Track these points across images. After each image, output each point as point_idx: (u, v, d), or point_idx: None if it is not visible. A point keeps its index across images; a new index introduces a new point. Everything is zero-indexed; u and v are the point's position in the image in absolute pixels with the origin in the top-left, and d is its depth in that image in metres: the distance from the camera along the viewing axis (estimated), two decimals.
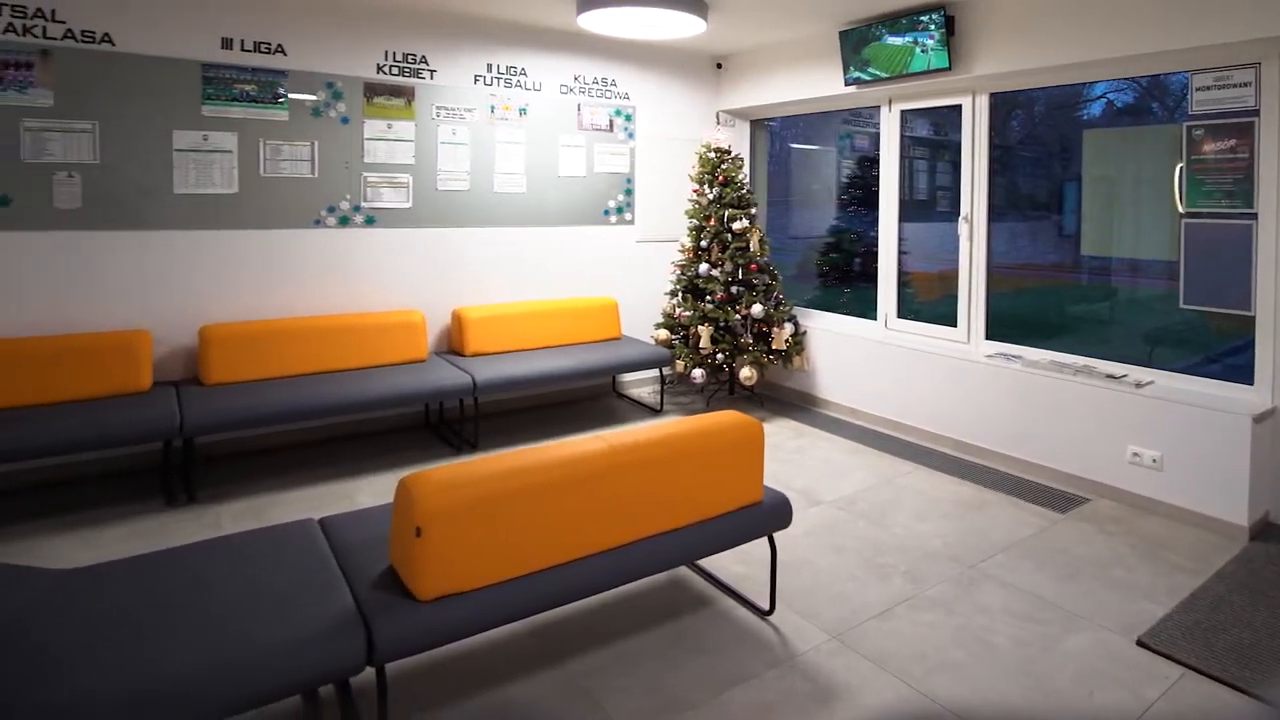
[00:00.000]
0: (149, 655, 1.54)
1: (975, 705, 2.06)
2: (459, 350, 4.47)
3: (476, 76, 4.57)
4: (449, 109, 4.49)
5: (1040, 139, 4.50)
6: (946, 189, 4.57)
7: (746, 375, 4.56)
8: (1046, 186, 4.49)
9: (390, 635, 1.70)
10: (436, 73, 4.43)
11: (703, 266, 4.76)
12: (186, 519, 3.18)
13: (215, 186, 3.83)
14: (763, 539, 2.47)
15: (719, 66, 5.59)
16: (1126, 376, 3.53)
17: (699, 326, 4.67)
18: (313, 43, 4.03)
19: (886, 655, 2.28)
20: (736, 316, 4.66)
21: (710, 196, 4.90)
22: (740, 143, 5.75)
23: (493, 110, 4.64)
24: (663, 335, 4.88)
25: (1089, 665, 2.24)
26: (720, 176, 4.87)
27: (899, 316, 4.71)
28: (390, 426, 4.43)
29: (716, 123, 5.65)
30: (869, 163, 5.09)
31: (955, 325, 4.32)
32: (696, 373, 4.68)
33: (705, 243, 4.84)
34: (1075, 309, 4.27)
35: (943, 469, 3.87)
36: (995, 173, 4.18)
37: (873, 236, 4.87)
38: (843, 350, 4.81)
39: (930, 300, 4.69)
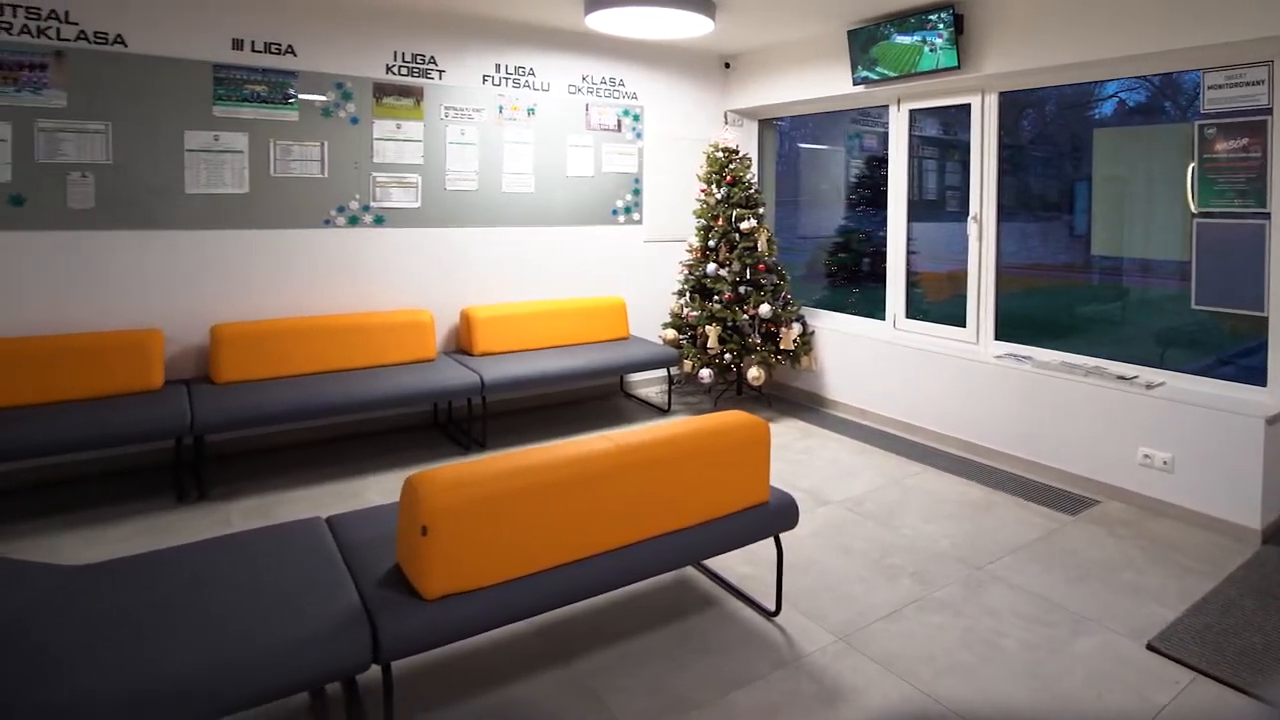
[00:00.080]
0: (154, 652, 1.56)
1: (983, 708, 2.05)
2: (467, 350, 4.49)
3: (485, 77, 4.58)
4: (457, 109, 4.50)
5: (1051, 138, 4.47)
6: (955, 189, 4.55)
7: (754, 375, 4.56)
8: (1057, 186, 4.46)
9: (396, 634, 1.71)
10: (445, 73, 4.44)
11: (710, 266, 4.75)
12: (197, 516, 3.21)
13: (226, 186, 3.86)
14: (769, 539, 2.46)
15: (727, 66, 5.58)
16: (1138, 378, 3.50)
17: (707, 326, 4.66)
18: (322, 43, 4.06)
19: (893, 657, 2.28)
20: (744, 316, 4.65)
21: (718, 196, 4.90)
22: (748, 142, 5.74)
23: (501, 110, 4.66)
24: (670, 335, 4.88)
25: (1098, 668, 2.23)
26: (728, 176, 4.87)
27: (908, 317, 4.69)
28: (399, 425, 4.45)
29: (725, 122, 5.64)
30: (877, 162, 5.07)
31: (964, 325, 4.30)
32: (704, 373, 4.68)
33: (713, 242, 4.84)
34: (1086, 309, 4.23)
35: (951, 470, 3.85)
36: (1005, 172, 4.15)
37: (881, 236, 4.85)
38: (851, 350, 4.80)
39: (939, 300, 4.67)
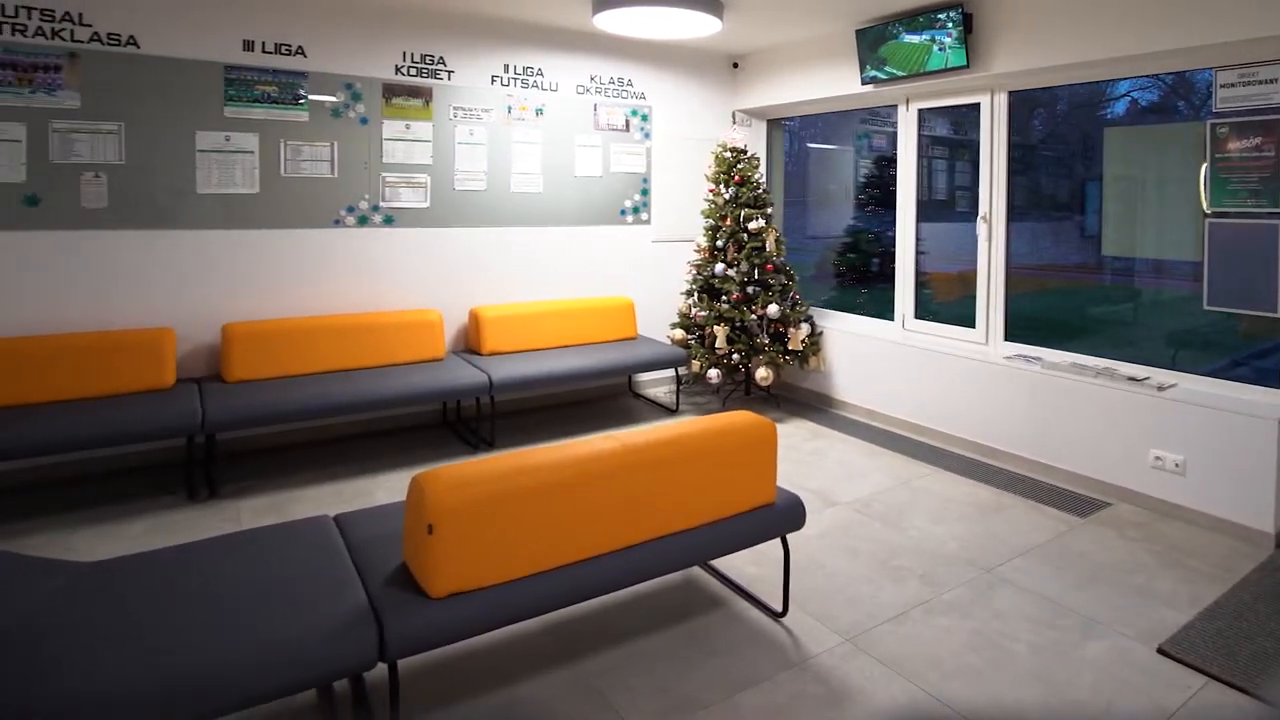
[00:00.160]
0: (163, 648, 1.57)
1: (991, 711, 2.04)
2: (476, 349, 4.50)
3: (493, 77, 4.60)
4: (466, 109, 4.52)
5: (1063, 138, 4.44)
6: (965, 189, 4.52)
7: (762, 375, 4.55)
8: (1068, 186, 4.42)
9: (402, 632, 1.72)
10: (454, 73, 4.46)
11: (719, 266, 4.75)
12: (208, 514, 3.23)
13: (237, 186, 3.89)
14: (776, 540, 2.46)
15: (735, 66, 5.57)
16: (1149, 379, 3.47)
17: (715, 326, 4.65)
18: (332, 44, 4.08)
19: (901, 659, 2.27)
20: (752, 317, 4.64)
21: (726, 196, 4.89)
22: (757, 142, 5.73)
23: (509, 110, 4.67)
24: (678, 335, 4.88)
25: (1108, 673, 2.21)
26: (736, 176, 4.86)
27: (917, 317, 4.67)
28: (408, 424, 4.47)
29: (733, 122, 5.63)
30: (886, 162, 5.05)
31: (974, 326, 4.27)
32: (712, 373, 4.67)
33: (721, 242, 4.83)
34: (1097, 310, 4.20)
35: (960, 471, 3.83)
36: (1016, 172, 4.12)
37: (890, 237, 4.83)
38: (860, 351, 4.78)
39: (948, 301, 4.64)
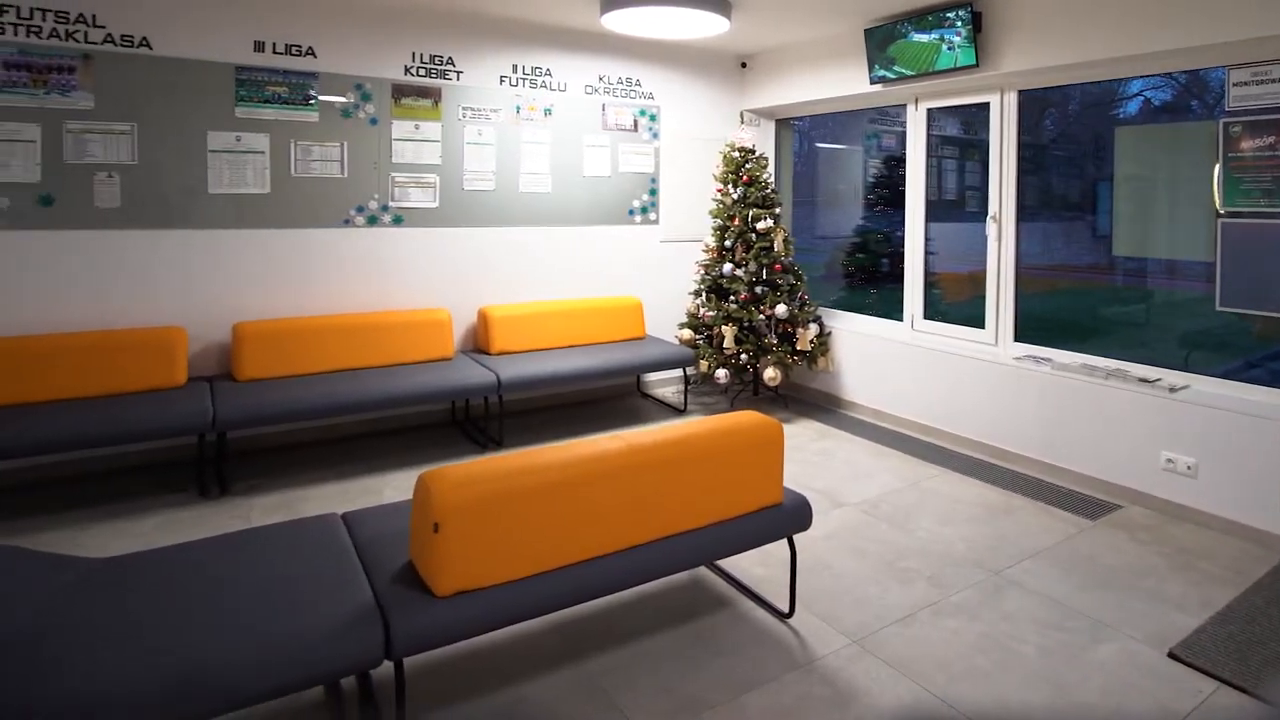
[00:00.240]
0: (172, 644, 1.58)
1: (998, 714, 2.03)
2: (484, 349, 4.51)
3: (502, 77, 4.61)
4: (475, 109, 4.53)
5: (1073, 137, 4.40)
6: (975, 188, 4.49)
7: (771, 376, 4.54)
8: (1079, 186, 4.39)
9: (408, 630, 1.72)
10: (463, 74, 4.47)
11: (727, 266, 4.74)
12: (218, 511, 3.26)
13: (248, 186, 3.91)
14: (783, 540, 2.45)
15: (743, 66, 5.56)
16: (1160, 380, 3.44)
17: (723, 326, 4.65)
18: (342, 45, 4.10)
19: (907, 661, 2.26)
20: (761, 317, 4.64)
21: (735, 196, 4.88)
22: (765, 142, 5.72)
23: (518, 111, 4.68)
24: (686, 335, 4.88)
25: (1117, 676, 2.19)
26: (745, 176, 4.85)
27: (926, 318, 4.64)
28: (417, 423, 4.49)
29: (741, 122, 5.62)
30: (896, 162, 5.03)
31: (983, 327, 4.25)
32: (720, 373, 4.66)
33: (729, 242, 4.83)
34: (1108, 311, 4.17)
35: (969, 472, 3.81)
36: (1026, 172, 4.09)
37: (899, 237, 4.81)
38: (868, 351, 4.76)
39: (958, 301, 4.62)
